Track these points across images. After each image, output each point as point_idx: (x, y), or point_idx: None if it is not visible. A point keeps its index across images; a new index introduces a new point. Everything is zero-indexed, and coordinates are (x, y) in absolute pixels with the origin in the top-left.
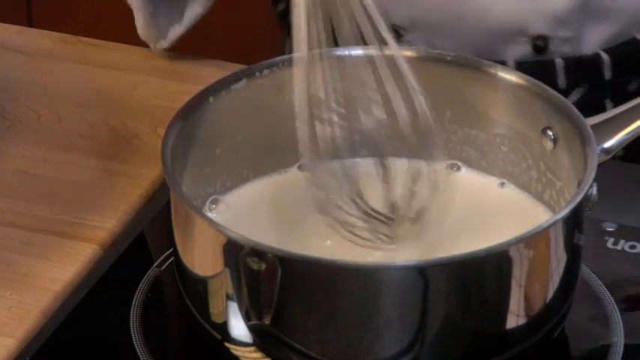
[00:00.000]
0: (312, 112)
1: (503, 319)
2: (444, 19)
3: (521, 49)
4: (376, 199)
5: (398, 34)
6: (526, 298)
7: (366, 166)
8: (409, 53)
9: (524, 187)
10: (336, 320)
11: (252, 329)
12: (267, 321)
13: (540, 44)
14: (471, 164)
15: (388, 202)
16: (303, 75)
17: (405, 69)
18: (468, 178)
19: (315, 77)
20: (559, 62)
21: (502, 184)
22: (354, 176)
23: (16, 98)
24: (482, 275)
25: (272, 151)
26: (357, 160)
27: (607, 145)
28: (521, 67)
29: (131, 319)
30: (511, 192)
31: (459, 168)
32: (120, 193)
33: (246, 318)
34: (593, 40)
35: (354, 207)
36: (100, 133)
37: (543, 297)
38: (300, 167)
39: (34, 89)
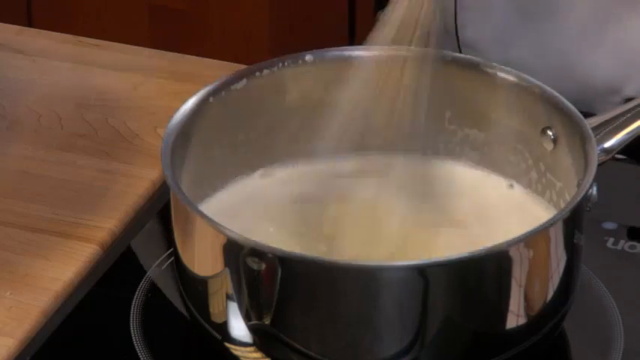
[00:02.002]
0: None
1: (503, 319)
2: (539, 66)
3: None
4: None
5: None
6: (526, 298)
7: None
8: (409, 53)
9: (523, 187)
10: (336, 320)
11: (252, 329)
12: (267, 321)
13: None
14: (471, 165)
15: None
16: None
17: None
18: (468, 177)
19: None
20: None
21: (503, 184)
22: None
23: (16, 98)
24: (482, 275)
25: (272, 151)
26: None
27: (607, 145)
28: None
29: (131, 319)
30: (512, 191)
31: (460, 166)
32: (120, 193)
33: (246, 318)
34: None
35: None
36: (100, 133)
37: (543, 297)
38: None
39: (34, 89)
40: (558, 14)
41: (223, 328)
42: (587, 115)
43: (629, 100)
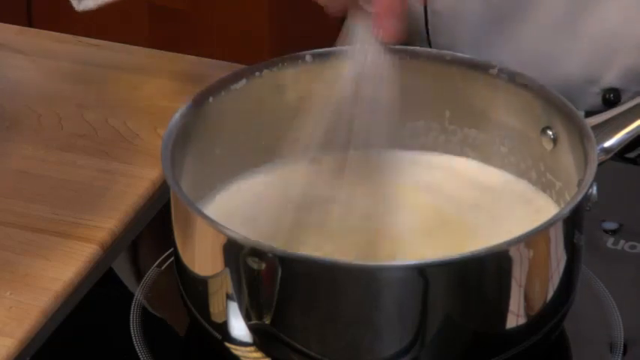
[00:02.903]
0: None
1: (503, 319)
2: (515, 64)
3: (592, 100)
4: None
5: None
6: (526, 298)
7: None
8: (408, 53)
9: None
10: (336, 320)
11: (252, 329)
12: (267, 321)
13: (611, 97)
14: (470, 164)
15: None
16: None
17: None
18: (467, 178)
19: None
20: None
21: (502, 184)
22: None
23: (16, 98)
24: (482, 275)
25: (271, 151)
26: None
27: (607, 144)
28: None
29: (131, 319)
30: (512, 192)
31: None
32: (120, 193)
33: (247, 318)
34: None
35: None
36: (100, 133)
37: (543, 297)
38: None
39: (34, 89)
40: (532, 10)
41: (223, 327)
42: None
43: (607, 90)
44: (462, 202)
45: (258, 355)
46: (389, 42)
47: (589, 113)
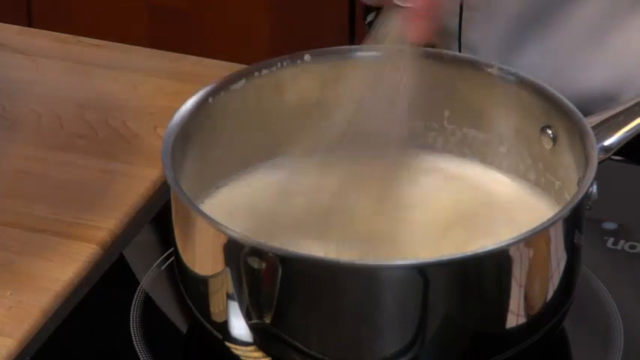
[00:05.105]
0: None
1: (504, 319)
2: (539, 69)
3: None
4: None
5: None
6: (526, 298)
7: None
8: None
9: (523, 186)
10: (337, 319)
11: (252, 328)
12: (267, 320)
13: None
14: (470, 164)
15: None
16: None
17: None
18: (467, 177)
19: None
20: None
21: (502, 184)
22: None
23: (16, 98)
24: (482, 275)
25: (271, 152)
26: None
27: (607, 143)
28: None
29: (131, 319)
30: (511, 191)
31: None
32: (120, 193)
33: (247, 317)
34: None
35: None
36: (100, 133)
37: (543, 297)
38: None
39: (34, 89)
40: (563, 18)
41: (224, 327)
42: None
43: None
44: (461, 202)
45: (259, 354)
46: (418, 42)
47: None
